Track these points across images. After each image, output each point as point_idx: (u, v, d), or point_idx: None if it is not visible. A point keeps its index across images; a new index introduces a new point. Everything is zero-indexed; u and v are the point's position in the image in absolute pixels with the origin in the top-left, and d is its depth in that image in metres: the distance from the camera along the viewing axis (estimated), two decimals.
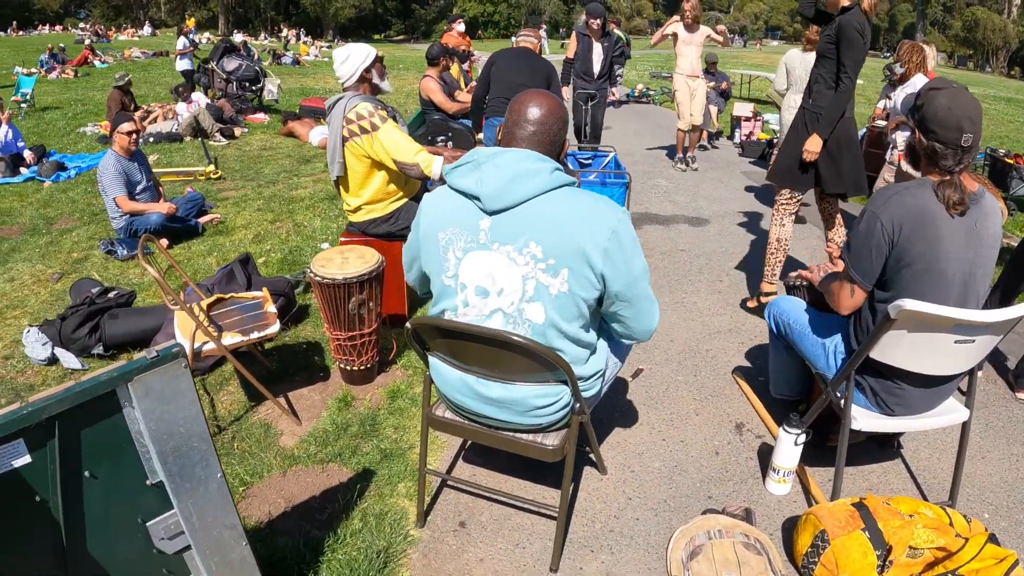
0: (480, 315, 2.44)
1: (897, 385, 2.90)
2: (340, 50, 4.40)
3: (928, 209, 2.64)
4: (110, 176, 6.54)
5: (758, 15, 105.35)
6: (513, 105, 2.48)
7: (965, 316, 2.59)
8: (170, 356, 1.83)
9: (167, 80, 20.50)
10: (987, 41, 73.50)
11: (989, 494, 3.35)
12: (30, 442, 1.70)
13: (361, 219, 4.51)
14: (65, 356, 4.46)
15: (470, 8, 74.95)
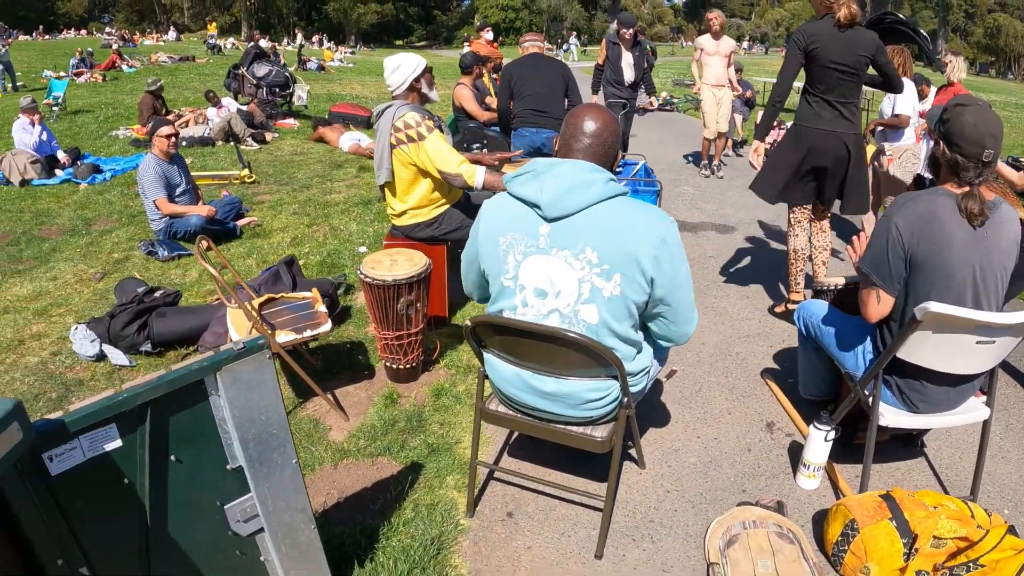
0: (538, 315, 2.58)
1: (922, 383, 3.03)
2: (391, 59, 4.53)
3: (937, 214, 2.79)
4: (150, 179, 6.68)
5: (779, 21, 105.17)
6: (570, 119, 2.63)
7: (987, 318, 2.73)
8: (256, 347, 1.94)
9: (195, 85, 20.77)
10: (1009, 48, 73.34)
11: (1009, 491, 3.45)
12: (122, 427, 1.80)
13: (405, 223, 4.65)
14: (113, 353, 4.57)
15: (492, 14, 75.39)
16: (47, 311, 5.40)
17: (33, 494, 1.65)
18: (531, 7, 76.70)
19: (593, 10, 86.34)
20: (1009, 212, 2.87)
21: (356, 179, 9.75)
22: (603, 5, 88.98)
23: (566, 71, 6.96)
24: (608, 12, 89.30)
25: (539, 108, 6.66)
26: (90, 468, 1.78)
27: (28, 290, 5.80)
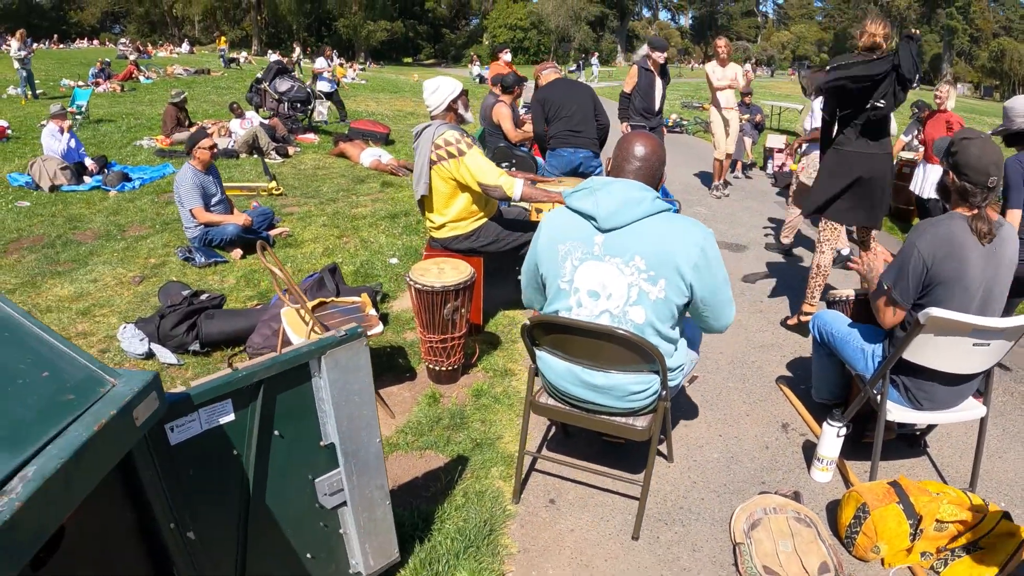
0: (591, 315, 2.88)
1: (925, 383, 3.40)
2: (431, 81, 4.86)
3: (956, 237, 3.17)
4: (187, 188, 6.89)
5: (785, 44, 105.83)
6: (622, 143, 2.99)
7: (980, 322, 3.11)
8: (355, 335, 2.20)
9: (212, 98, 21.02)
10: (1013, 72, 73.88)
11: (1006, 487, 3.79)
12: (236, 402, 2.06)
13: (444, 235, 4.93)
14: (161, 351, 4.78)
15: (500, 34, 75.77)
16: (91, 311, 5.60)
17: (156, 461, 1.87)
18: (539, 27, 77.15)
19: (601, 31, 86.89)
20: (1010, 231, 3.27)
21: (380, 194, 9.97)
22: (611, 26, 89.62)
23: (593, 93, 7.26)
24: (616, 33, 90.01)
25: (575, 129, 6.94)
26: (204, 439, 2.02)
27: (69, 291, 6.00)
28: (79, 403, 1.50)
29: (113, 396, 1.56)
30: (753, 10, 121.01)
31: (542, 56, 73.60)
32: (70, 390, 1.52)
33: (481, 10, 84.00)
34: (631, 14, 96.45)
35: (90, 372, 1.59)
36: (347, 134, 13.80)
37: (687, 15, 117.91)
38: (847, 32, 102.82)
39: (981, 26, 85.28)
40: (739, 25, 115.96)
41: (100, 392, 1.56)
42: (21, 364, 1.51)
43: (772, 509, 3.23)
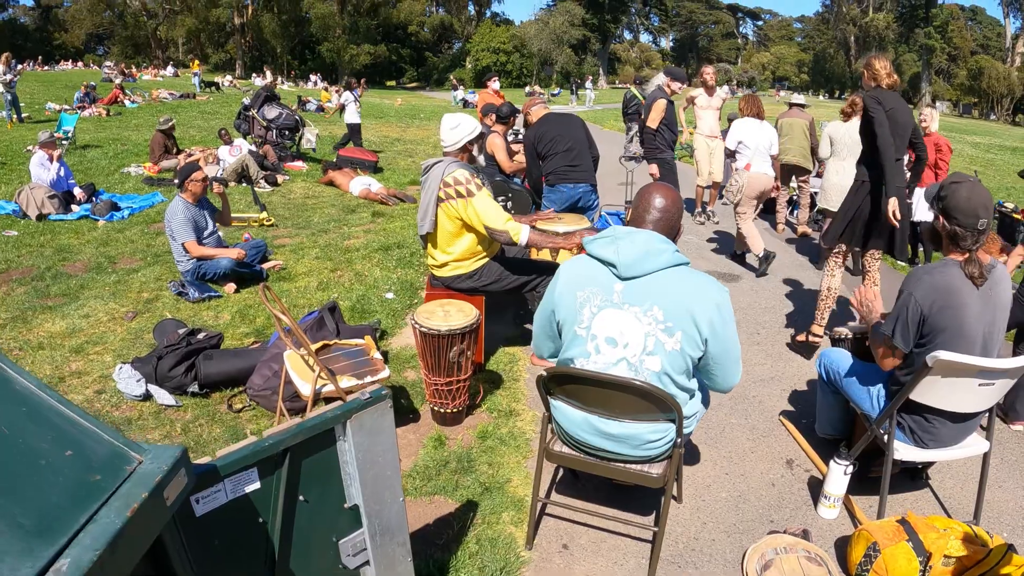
0: (608, 362, 2.90)
1: (930, 422, 3.47)
2: (452, 117, 4.87)
3: (953, 284, 3.25)
4: (179, 221, 6.80)
5: (765, 65, 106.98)
6: (643, 194, 3.03)
7: (987, 363, 3.20)
8: (380, 397, 2.17)
9: (199, 123, 20.97)
10: (991, 89, 74.85)
11: (1007, 517, 3.86)
12: (262, 470, 2.02)
13: (447, 274, 4.91)
14: (159, 393, 4.71)
15: (483, 57, 76.17)
16: (84, 349, 5.52)
17: (182, 535, 1.84)
18: (522, 51, 77.52)
19: (583, 54, 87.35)
20: (1003, 271, 3.35)
21: (372, 224, 9.94)
22: (592, 49, 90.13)
23: (585, 125, 7.26)
24: (597, 55, 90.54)
25: (572, 163, 6.92)
26: (230, 508, 1.98)
27: (61, 327, 5.92)
28: (107, 484, 1.47)
29: (142, 475, 1.53)
30: (733, 32, 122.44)
31: (524, 80, 74.04)
32: (96, 469, 1.49)
33: (464, 34, 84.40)
34: (613, 37, 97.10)
35: (115, 448, 1.56)
36: (336, 162, 13.77)
37: (668, 37, 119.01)
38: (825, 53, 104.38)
39: (959, 44, 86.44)
40: (719, 47, 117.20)
41: (127, 470, 1.53)
42: (43, 443, 1.47)
43: (783, 549, 3.25)
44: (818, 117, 11.52)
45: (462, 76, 71.73)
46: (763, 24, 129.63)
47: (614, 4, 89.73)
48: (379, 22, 72.53)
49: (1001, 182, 18.92)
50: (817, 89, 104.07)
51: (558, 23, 78.51)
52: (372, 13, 70.85)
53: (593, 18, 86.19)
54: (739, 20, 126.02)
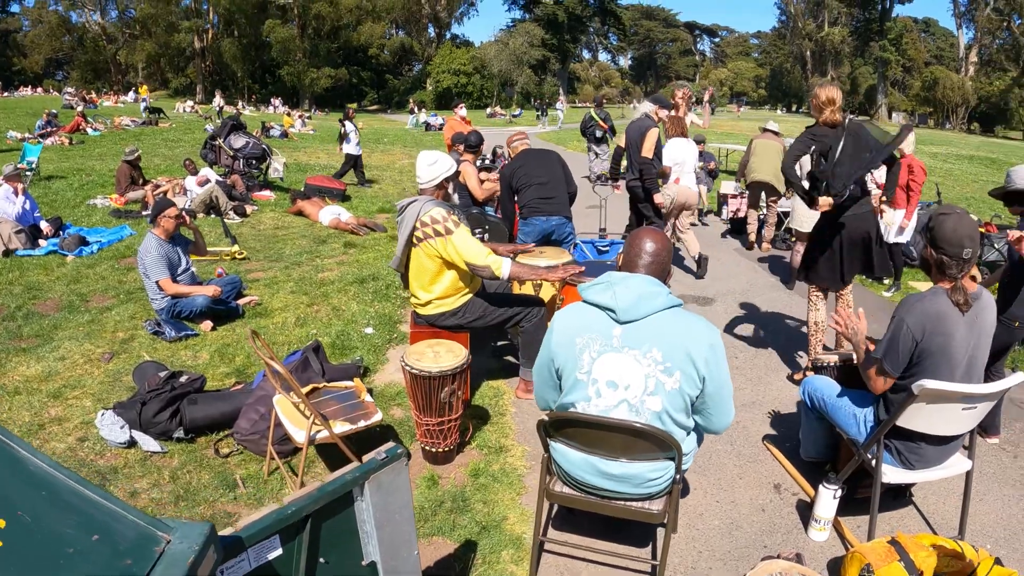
0: (609, 405, 2.98)
1: (916, 445, 3.65)
2: (430, 154, 4.91)
3: (942, 311, 3.43)
4: (153, 259, 6.71)
5: (723, 81, 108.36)
6: (633, 240, 3.14)
7: (970, 390, 3.43)
8: (396, 456, 2.20)
9: (163, 152, 20.84)
10: (946, 99, 76.34)
11: (989, 529, 4.05)
12: (284, 537, 2.03)
13: (430, 312, 4.93)
14: (144, 439, 4.65)
15: (444, 79, 76.29)
16: (62, 393, 5.43)
17: None
18: (482, 72, 77.77)
19: (543, 74, 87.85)
20: (989, 299, 3.55)
21: (345, 256, 9.91)
22: (552, 69, 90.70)
23: (562, 160, 7.30)
24: (557, 76, 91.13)
25: (546, 196, 6.96)
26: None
27: (37, 370, 5.82)
28: (139, 568, 1.45)
29: (173, 557, 1.50)
30: (691, 49, 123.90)
31: (486, 101, 74.29)
32: (126, 553, 1.46)
33: (424, 56, 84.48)
34: (572, 56, 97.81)
35: (141, 529, 1.53)
36: (304, 191, 13.72)
37: (626, 56, 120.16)
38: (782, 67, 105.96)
39: (913, 56, 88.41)
40: (677, 64, 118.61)
41: (156, 552, 1.50)
42: (67, 528, 1.44)
43: (778, 574, 3.31)
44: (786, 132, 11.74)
45: (423, 98, 71.89)
46: (720, 41, 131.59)
47: (573, 24, 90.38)
48: (339, 45, 72.31)
49: (961, 192, 19.39)
50: (775, 103, 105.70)
51: (518, 44, 78.83)
52: (332, 36, 70.67)
53: (552, 38, 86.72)
54: (696, 37, 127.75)
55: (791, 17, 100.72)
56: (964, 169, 27.32)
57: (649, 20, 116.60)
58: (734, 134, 37.56)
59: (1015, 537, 4.01)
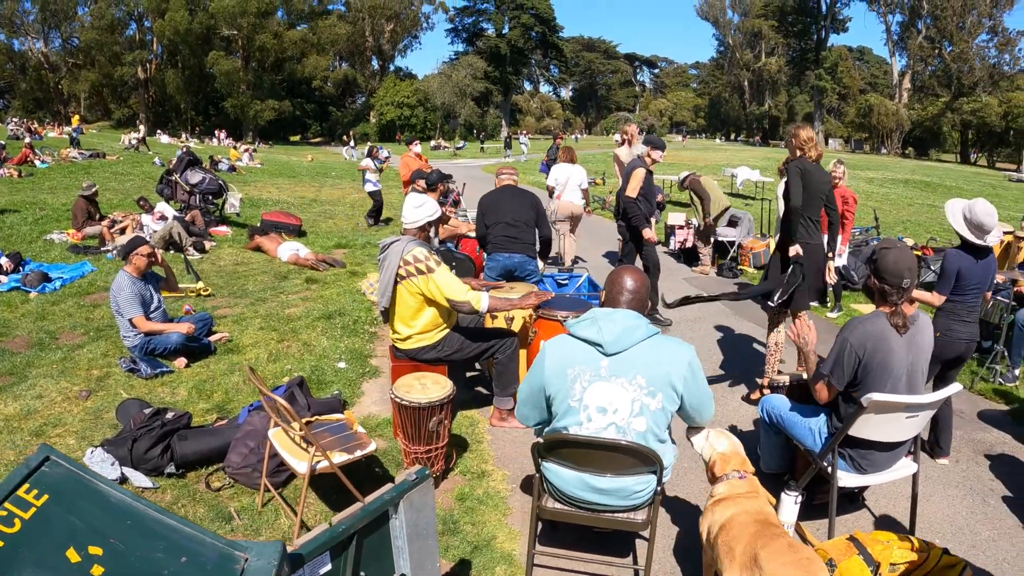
0: (599, 427, 3.34)
1: (867, 452, 4.10)
2: (418, 196, 5.26)
3: (881, 331, 3.91)
4: (126, 297, 6.78)
5: (663, 111, 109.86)
6: (614, 277, 3.55)
7: (911, 400, 3.92)
8: (424, 476, 2.46)
9: (113, 185, 20.67)
10: (881, 125, 78.63)
11: (937, 525, 4.62)
12: (333, 553, 2.28)
13: (411, 347, 5.21)
14: (135, 475, 4.75)
15: (387, 112, 76.52)
16: (44, 431, 5.48)
17: None
18: (426, 104, 78.15)
19: (485, 106, 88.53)
20: (925, 320, 4.11)
21: (308, 291, 10.02)
22: (495, 101, 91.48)
23: (537, 203, 7.57)
24: (500, 108, 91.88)
25: (510, 235, 7.23)
26: None
27: (15, 409, 5.85)
28: None
29: (254, 573, 1.72)
30: (631, 80, 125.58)
31: (429, 133, 74.60)
32: (212, 572, 1.66)
33: (368, 88, 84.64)
34: (514, 88, 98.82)
35: (221, 550, 1.74)
36: (261, 227, 13.81)
37: (568, 87, 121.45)
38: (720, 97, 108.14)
39: (848, 84, 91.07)
40: (618, 95, 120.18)
41: (237, 570, 1.72)
42: (157, 553, 1.63)
43: None
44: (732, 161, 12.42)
45: (367, 130, 72.05)
46: (660, 71, 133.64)
47: (515, 56, 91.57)
48: (283, 77, 72.18)
49: (897, 216, 20.15)
50: (714, 132, 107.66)
51: (461, 76, 79.45)
52: (276, 68, 70.51)
53: (495, 71, 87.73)
54: (636, 68, 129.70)
55: (729, 48, 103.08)
56: (900, 193, 28.33)
57: (590, 52, 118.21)
58: (677, 164, 38.25)
59: (960, 532, 4.55)
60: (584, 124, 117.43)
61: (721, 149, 61.45)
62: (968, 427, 6.11)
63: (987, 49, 77.17)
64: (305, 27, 73.67)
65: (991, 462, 5.53)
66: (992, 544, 4.42)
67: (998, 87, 73.65)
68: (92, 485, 1.74)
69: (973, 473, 5.34)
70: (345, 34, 78.23)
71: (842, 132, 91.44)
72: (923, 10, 78.47)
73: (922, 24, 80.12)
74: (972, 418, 6.33)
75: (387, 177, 21.64)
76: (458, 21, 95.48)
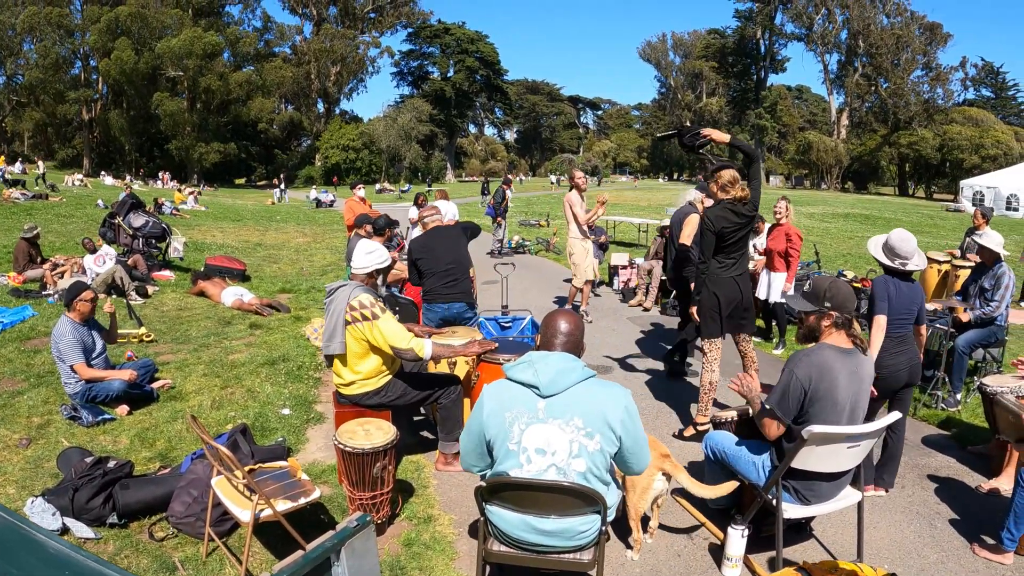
0: (539, 469, 3.40)
1: (811, 483, 4.21)
2: (370, 243, 5.37)
3: (827, 363, 4.07)
4: (68, 343, 6.72)
5: (607, 152, 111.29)
6: (548, 321, 3.67)
7: (851, 430, 4.05)
8: (366, 522, 2.52)
9: (55, 227, 20.34)
10: (820, 161, 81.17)
11: (884, 551, 4.77)
12: None
13: (354, 392, 5.26)
14: (77, 526, 4.67)
15: (332, 155, 76.53)
16: None
17: None
18: (371, 148, 78.17)
19: (430, 149, 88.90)
20: None
21: (252, 337, 9.94)
22: (440, 144, 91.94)
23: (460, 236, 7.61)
24: (444, 151, 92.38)
25: (448, 283, 7.24)
26: None
27: None
28: None
29: None
30: (575, 122, 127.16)
31: (374, 176, 74.63)
32: None
33: (313, 131, 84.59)
34: (459, 131, 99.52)
35: None
36: (204, 271, 13.71)
37: (512, 130, 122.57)
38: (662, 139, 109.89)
39: (788, 122, 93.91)
40: (562, 137, 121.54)
41: None
42: None
43: None
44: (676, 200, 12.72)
45: (311, 174, 71.94)
46: (603, 113, 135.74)
47: (460, 99, 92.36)
48: (229, 119, 71.68)
49: (838, 250, 20.66)
50: (657, 172, 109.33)
51: (406, 119, 79.70)
52: (222, 110, 70.01)
53: (440, 114, 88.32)
54: (580, 110, 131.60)
55: (671, 89, 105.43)
56: (840, 227, 29.05)
57: (534, 94, 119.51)
58: (620, 205, 38.81)
59: (908, 556, 4.71)
60: (529, 166, 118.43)
61: (665, 189, 62.53)
62: (912, 453, 6.32)
63: (922, 84, 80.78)
64: (251, 69, 73.28)
65: (937, 486, 5.74)
66: (940, 566, 4.58)
67: (933, 121, 76.80)
68: (30, 535, 1.76)
69: (919, 498, 5.53)
70: (291, 76, 78.26)
71: (783, 169, 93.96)
72: (859, 49, 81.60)
73: (859, 62, 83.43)
74: (916, 444, 6.56)
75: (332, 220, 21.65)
76: (403, 64, 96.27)
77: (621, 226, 25.29)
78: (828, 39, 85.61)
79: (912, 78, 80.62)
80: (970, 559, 4.66)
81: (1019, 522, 4.48)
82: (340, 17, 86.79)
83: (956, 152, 71.20)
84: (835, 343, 4.20)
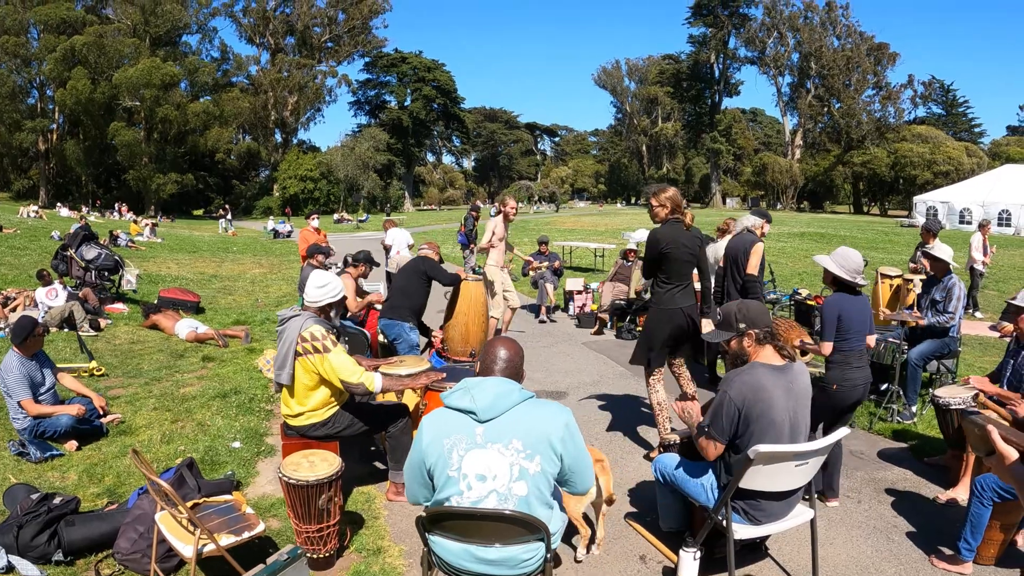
0: (480, 495, 3.37)
1: (759, 502, 4.21)
2: (323, 275, 5.40)
3: (759, 382, 4.10)
4: (14, 378, 6.64)
5: (564, 179, 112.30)
6: (488, 348, 3.66)
7: (798, 448, 4.05)
8: (297, 556, 2.55)
9: (8, 259, 20.09)
10: (776, 182, 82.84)
11: (842, 567, 4.80)
12: None
13: (302, 423, 5.26)
14: (22, 564, 4.63)
15: (291, 185, 76.28)
16: None
17: None
18: (329, 178, 78.00)
19: (388, 179, 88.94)
20: (801, 366, 4.29)
21: (204, 370, 9.89)
22: (398, 173, 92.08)
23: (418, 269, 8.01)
24: (403, 179, 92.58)
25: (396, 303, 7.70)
26: None
27: None
28: None
29: None
30: (532, 149, 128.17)
31: (332, 206, 74.41)
32: None
33: (271, 161, 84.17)
34: (417, 160, 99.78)
35: None
36: (157, 304, 13.60)
37: (470, 158, 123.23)
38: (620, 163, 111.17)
39: (743, 145, 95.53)
40: (520, 164, 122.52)
41: None
42: None
43: None
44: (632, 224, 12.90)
45: (270, 204, 71.62)
46: (560, 139, 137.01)
47: (418, 128, 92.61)
48: (186, 150, 70.87)
49: (794, 268, 21.00)
50: (614, 197, 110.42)
51: (363, 149, 79.58)
52: (179, 141, 69.32)
53: (398, 142, 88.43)
54: (537, 137, 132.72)
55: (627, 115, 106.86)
56: (796, 246, 29.49)
57: (492, 122, 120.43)
58: (577, 230, 39.11)
59: (866, 570, 4.77)
60: (487, 194, 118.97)
61: (623, 213, 63.10)
62: (869, 467, 6.44)
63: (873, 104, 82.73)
64: (208, 99, 72.80)
65: (894, 499, 5.84)
66: None
67: (885, 139, 78.83)
68: None
69: (876, 512, 5.61)
70: (248, 106, 77.97)
71: (739, 191, 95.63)
72: (811, 71, 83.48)
73: (811, 84, 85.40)
74: (872, 458, 6.68)
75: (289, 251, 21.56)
76: (361, 93, 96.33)
77: (578, 251, 25.50)
78: (780, 62, 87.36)
79: (863, 98, 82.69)
80: (929, 571, 4.75)
81: (976, 532, 4.59)
82: (298, 47, 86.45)
83: (909, 169, 72.99)
84: (766, 360, 4.21)
